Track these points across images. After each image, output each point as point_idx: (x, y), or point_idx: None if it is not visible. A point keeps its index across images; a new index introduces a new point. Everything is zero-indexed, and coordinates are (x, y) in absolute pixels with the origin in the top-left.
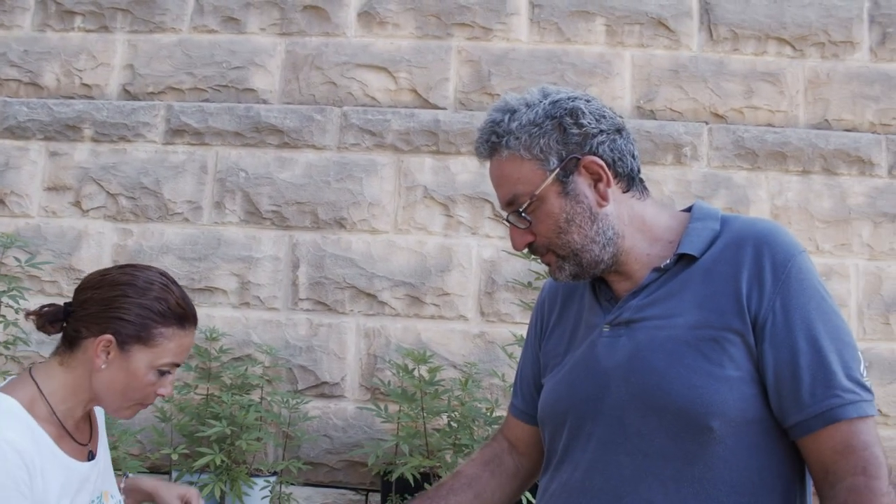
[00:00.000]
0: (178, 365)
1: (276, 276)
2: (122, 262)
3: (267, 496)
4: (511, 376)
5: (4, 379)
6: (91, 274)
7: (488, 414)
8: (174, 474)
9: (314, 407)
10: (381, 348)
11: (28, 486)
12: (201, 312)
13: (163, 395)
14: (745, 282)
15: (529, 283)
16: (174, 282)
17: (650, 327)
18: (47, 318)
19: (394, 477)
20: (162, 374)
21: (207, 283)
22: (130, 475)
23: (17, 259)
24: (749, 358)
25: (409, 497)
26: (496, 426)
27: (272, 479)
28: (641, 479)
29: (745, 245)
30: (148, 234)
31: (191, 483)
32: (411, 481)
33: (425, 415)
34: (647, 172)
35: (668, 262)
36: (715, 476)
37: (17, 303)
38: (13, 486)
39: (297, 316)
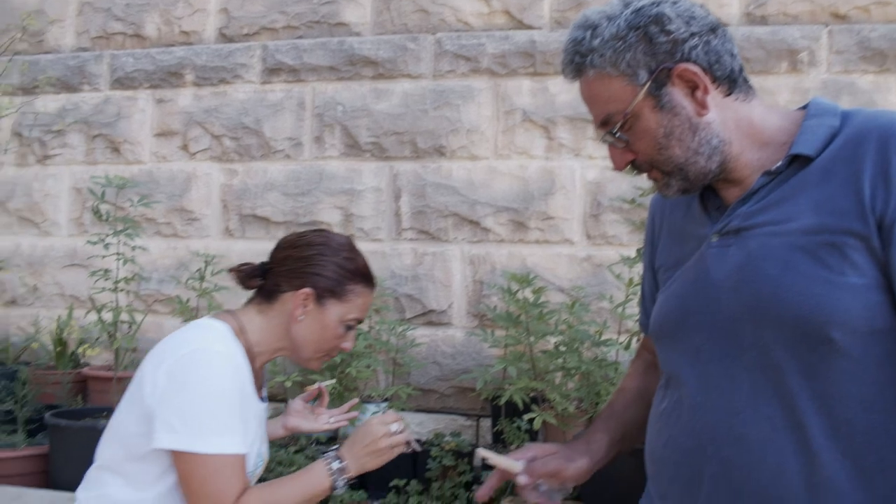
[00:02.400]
0: (361, 321)
1: (379, 208)
2: (230, 201)
3: None
4: (619, 298)
5: (130, 314)
6: (287, 235)
7: (597, 336)
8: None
9: (422, 335)
10: (487, 275)
11: (237, 401)
12: None
13: (346, 350)
14: (867, 180)
15: (633, 200)
16: (357, 248)
17: (762, 234)
18: (246, 274)
19: (502, 401)
20: (348, 328)
21: (312, 217)
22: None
23: (130, 200)
24: (874, 263)
25: (518, 420)
26: (605, 348)
27: (383, 405)
28: (759, 394)
29: (868, 140)
30: (252, 173)
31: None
32: (520, 405)
33: (532, 338)
34: (759, 83)
35: (779, 164)
36: (841, 391)
37: (132, 239)
38: (230, 395)
39: (402, 246)
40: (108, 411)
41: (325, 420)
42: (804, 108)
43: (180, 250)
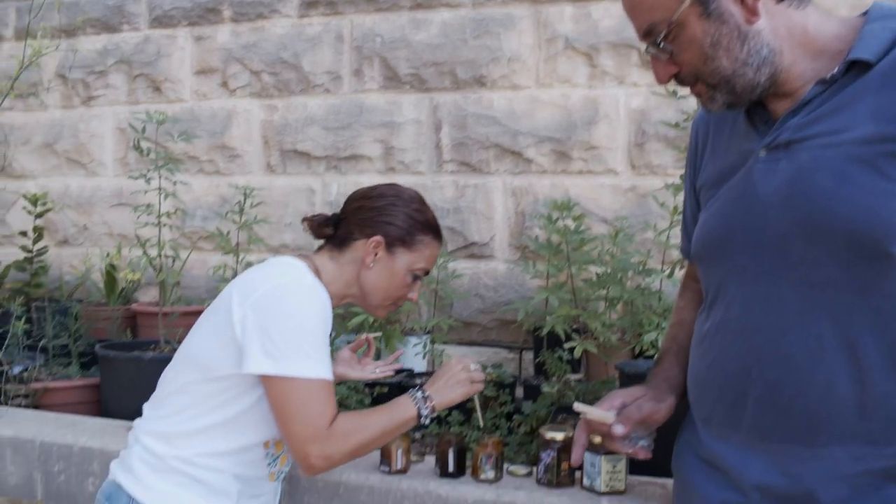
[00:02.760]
0: (427, 272)
1: (420, 140)
2: (271, 136)
3: (420, 353)
4: (663, 227)
5: (174, 249)
6: (360, 188)
7: (640, 267)
8: (332, 334)
9: (464, 267)
10: (529, 206)
11: (323, 332)
12: (349, 180)
13: (412, 300)
14: None
15: (677, 124)
16: (426, 202)
17: (814, 146)
18: (319, 223)
19: (544, 332)
20: (415, 278)
21: (353, 151)
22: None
23: (170, 135)
24: None
25: (560, 350)
26: (648, 279)
27: (425, 337)
28: (808, 311)
29: None
30: (292, 108)
31: (347, 342)
32: (561, 335)
33: (573, 267)
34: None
35: (835, 71)
36: None
37: (173, 174)
38: (320, 326)
39: (443, 178)
40: (155, 344)
41: (371, 370)
42: (865, 14)
43: (223, 187)
